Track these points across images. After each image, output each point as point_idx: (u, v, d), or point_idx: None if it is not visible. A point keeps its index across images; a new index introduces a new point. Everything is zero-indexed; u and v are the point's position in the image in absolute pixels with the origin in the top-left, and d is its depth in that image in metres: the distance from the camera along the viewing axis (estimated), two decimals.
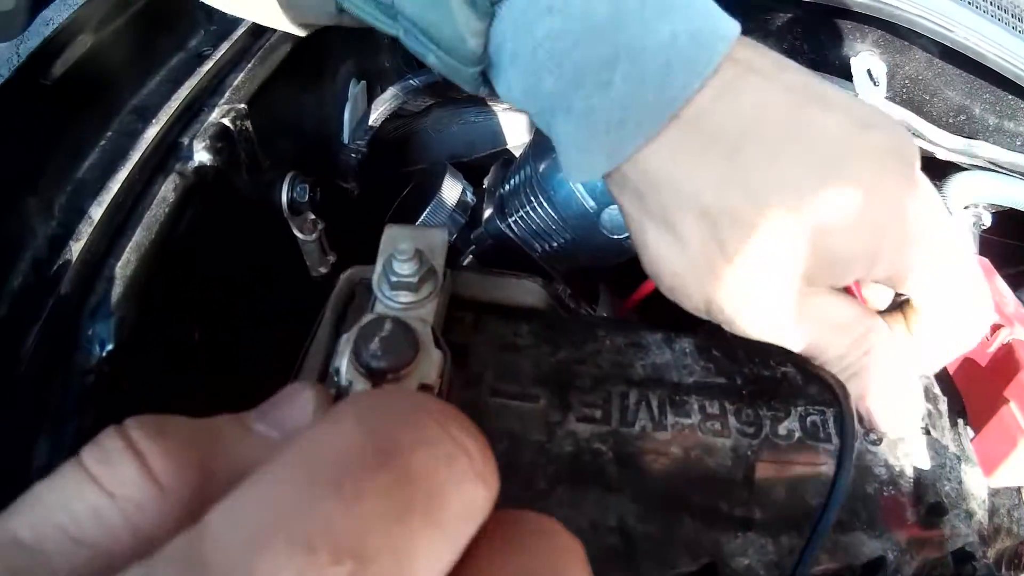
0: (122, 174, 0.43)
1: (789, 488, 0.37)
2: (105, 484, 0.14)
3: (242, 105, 0.45)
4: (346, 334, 0.33)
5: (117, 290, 0.38)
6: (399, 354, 0.31)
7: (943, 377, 0.45)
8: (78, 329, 0.37)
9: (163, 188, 0.43)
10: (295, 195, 0.48)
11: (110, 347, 0.37)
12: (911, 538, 0.38)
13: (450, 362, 0.33)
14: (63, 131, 0.44)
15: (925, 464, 0.41)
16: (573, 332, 0.39)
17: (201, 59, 0.49)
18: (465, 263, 0.57)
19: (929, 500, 0.39)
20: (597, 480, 0.35)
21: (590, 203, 0.50)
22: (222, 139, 0.44)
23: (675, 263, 0.33)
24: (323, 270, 0.50)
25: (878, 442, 0.40)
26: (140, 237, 0.41)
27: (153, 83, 0.49)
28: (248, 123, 0.45)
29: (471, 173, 0.62)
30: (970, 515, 0.40)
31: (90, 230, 0.41)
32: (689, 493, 0.36)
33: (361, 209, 0.59)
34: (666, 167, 0.31)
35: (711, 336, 0.41)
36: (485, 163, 0.67)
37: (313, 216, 0.49)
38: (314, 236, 0.48)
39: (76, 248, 0.40)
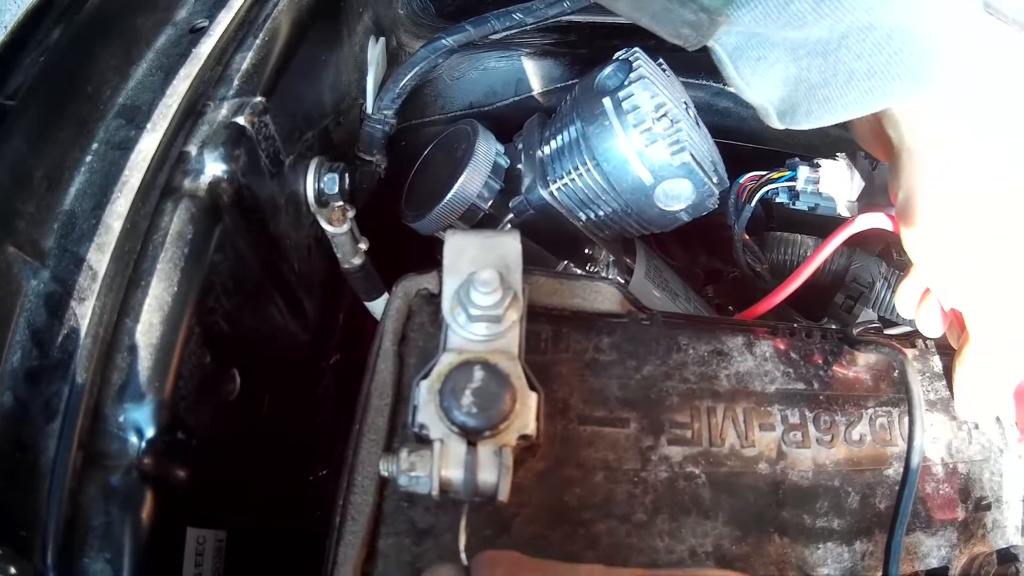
0: (121, 204, 0.34)
1: (861, 494, 0.38)
2: None
3: (259, 99, 0.37)
4: (425, 381, 0.29)
5: (144, 363, 0.31)
6: (496, 409, 0.28)
7: None
8: (103, 419, 0.30)
9: (175, 219, 0.34)
10: (322, 185, 0.41)
11: (150, 435, 0.30)
12: (960, 533, 0.40)
13: (543, 400, 0.30)
14: (35, 150, 0.34)
15: (978, 457, 0.41)
16: (656, 342, 0.37)
17: (195, 35, 0.39)
18: None
19: (976, 494, 0.41)
20: (694, 506, 0.34)
21: (647, 176, 0.46)
22: (239, 143, 0.35)
23: None
24: (356, 261, 0.44)
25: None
26: (159, 291, 0.32)
27: (139, 72, 0.38)
28: (268, 118, 0.37)
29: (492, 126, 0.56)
30: (1009, 506, 0.42)
31: (94, 285, 0.32)
32: (777, 510, 0.36)
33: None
34: None
35: (791, 335, 0.39)
36: (506, 114, 0.61)
37: (341, 203, 0.42)
38: (345, 227, 0.41)
39: (81, 311, 0.32)
